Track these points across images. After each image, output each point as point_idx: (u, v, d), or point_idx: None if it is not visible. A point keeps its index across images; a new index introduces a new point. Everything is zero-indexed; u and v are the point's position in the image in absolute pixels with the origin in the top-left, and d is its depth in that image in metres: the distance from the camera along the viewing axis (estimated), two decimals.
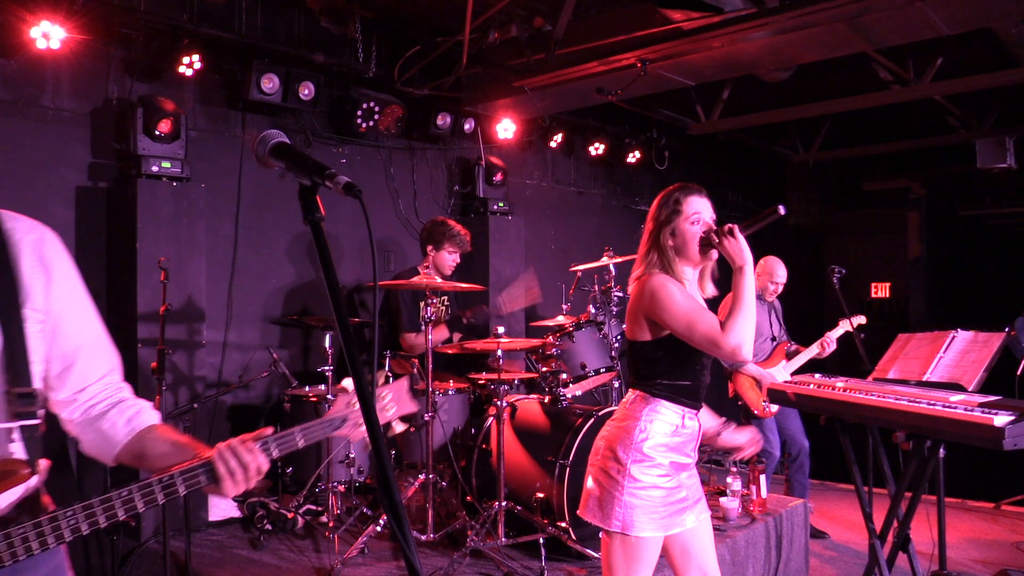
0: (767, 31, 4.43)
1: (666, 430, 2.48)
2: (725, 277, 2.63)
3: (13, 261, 1.39)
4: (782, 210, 2.50)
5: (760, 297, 5.13)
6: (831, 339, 4.93)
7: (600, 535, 2.54)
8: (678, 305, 2.44)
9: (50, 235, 1.48)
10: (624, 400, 2.60)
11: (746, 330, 2.41)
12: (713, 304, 2.67)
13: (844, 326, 4.86)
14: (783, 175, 9.60)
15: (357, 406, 1.64)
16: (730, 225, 2.48)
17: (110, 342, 1.57)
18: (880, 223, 9.34)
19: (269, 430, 1.52)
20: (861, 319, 4.99)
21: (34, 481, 1.40)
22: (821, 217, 9.68)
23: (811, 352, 4.97)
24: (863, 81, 6.00)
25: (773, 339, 5.15)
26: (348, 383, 1.70)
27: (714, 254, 2.56)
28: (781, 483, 5.37)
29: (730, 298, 2.52)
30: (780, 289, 5.18)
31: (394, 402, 1.76)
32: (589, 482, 2.57)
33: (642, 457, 2.45)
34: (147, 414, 1.57)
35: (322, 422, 1.61)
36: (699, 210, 2.56)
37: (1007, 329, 3.28)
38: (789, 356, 5.03)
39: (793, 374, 4.87)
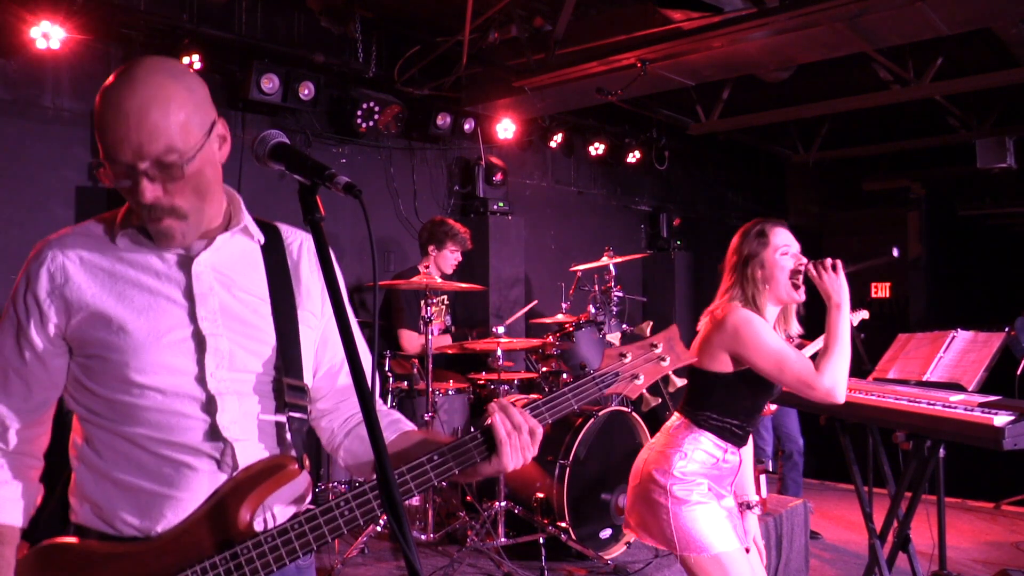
0: (767, 31, 4.43)
1: (705, 460, 2.44)
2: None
3: (293, 266, 1.47)
4: (896, 252, 2.51)
5: None
6: None
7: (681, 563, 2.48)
8: (768, 343, 2.38)
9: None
10: (667, 425, 2.55)
11: (842, 371, 2.36)
12: None
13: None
14: (783, 175, 9.59)
15: (628, 359, 1.54)
16: (834, 261, 2.44)
17: (367, 349, 1.52)
18: (880, 223, 9.33)
19: (521, 399, 1.43)
20: (863, 314, 4.97)
21: (304, 478, 1.40)
22: (821, 217, 9.68)
23: (816, 346, 4.92)
24: (863, 81, 6.00)
25: (789, 337, 5.09)
26: (614, 336, 1.63)
27: (801, 294, 2.50)
28: (774, 481, 5.36)
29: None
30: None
31: (666, 352, 1.58)
32: (633, 507, 2.52)
33: (680, 478, 2.41)
34: (405, 422, 1.54)
35: (593, 379, 1.49)
36: (788, 243, 2.52)
37: (1007, 329, 3.28)
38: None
39: None
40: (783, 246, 2.50)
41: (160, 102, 1.26)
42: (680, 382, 1.60)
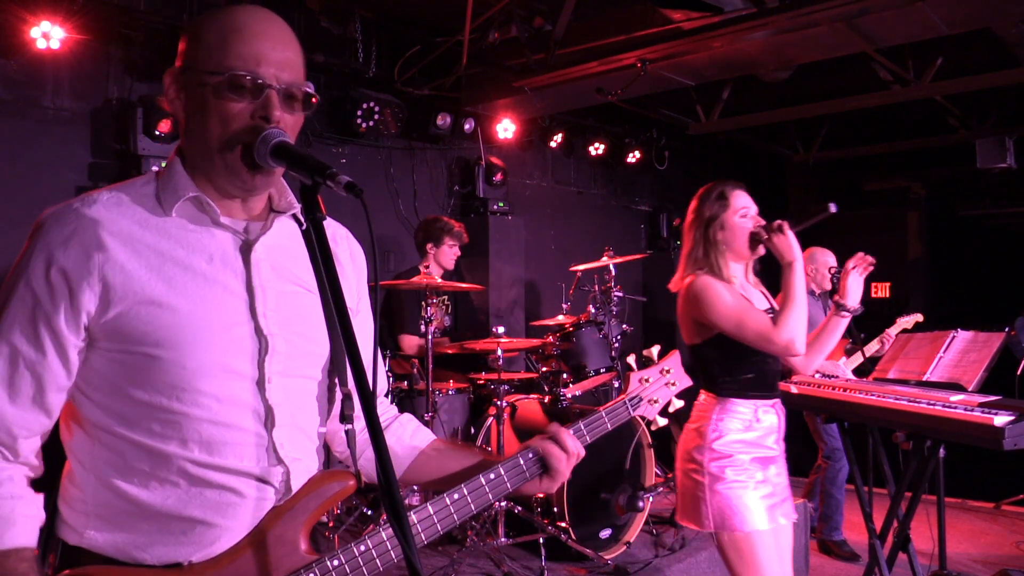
0: (767, 31, 4.43)
1: (738, 426, 2.48)
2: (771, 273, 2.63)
3: (335, 259, 1.30)
4: (833, 208, 2.56)
5: (811, 291, 4.88)
6: (890, 335, 4.81)
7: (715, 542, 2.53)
8: (725, 305, 2.47)
9: (352, 236, 1.51)
10: (696, 402, 2.60)
11: (798, 325, 2.43)
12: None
13: (903, 323, 4.83)
14: (783, 175, 9.59)
15: (651, 380, 1.67)
16: (780, 221, 2.53)
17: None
18: (880, 223, 9.32)
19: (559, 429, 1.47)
20: (918, 317, 4.94)
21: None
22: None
23: (871, 348, 4.81)
24: (863, 81, 6.00)
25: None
26: (632, 359, 1.70)
27: (761, 249, 2.59)
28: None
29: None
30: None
31: (675, 377, 1.71)
32: (680, 488, 2.59)
33: (717, 455, 2.46)
34: (425, 431, 1.51)
35: (625, 403, 1.64)
36: (747, 204, 2.62)
37: (1007, 329, 3.28)
38: (848, 353, 4.84)
39: (853, 371, 4.76)
40: (742, 208, 2.61)
41: (295, 40, 1.26)
42: (679, 403, 1.67)
